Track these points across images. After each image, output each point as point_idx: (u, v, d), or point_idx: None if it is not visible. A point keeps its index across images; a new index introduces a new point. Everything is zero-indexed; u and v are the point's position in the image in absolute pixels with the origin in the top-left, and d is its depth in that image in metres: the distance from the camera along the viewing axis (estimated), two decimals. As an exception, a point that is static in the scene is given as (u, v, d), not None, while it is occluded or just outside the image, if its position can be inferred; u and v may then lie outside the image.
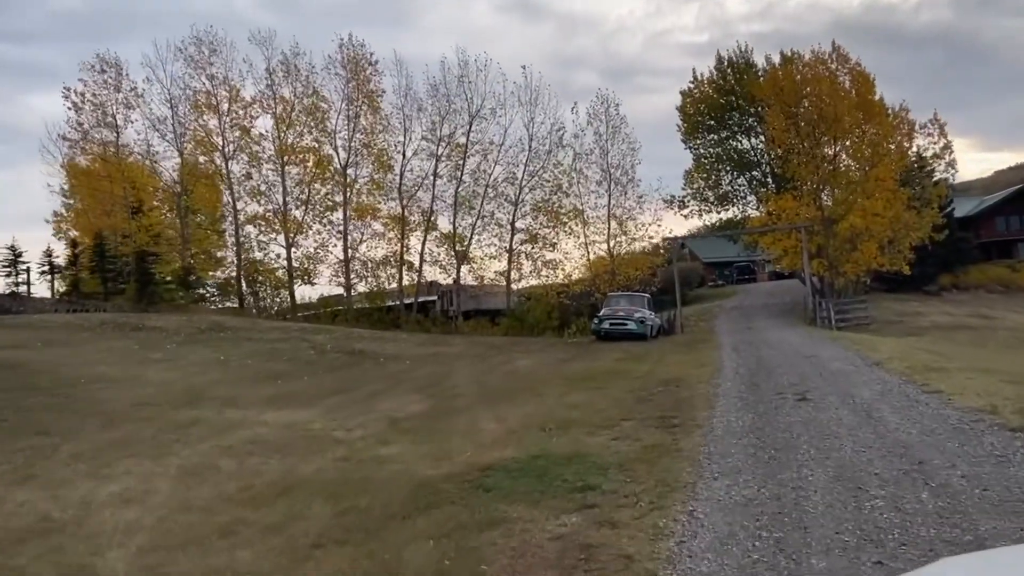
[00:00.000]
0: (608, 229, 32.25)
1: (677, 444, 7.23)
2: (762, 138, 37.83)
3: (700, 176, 37.45)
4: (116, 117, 30.79)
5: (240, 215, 31.35)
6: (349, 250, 31.62)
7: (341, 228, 31.45)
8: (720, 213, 38.15)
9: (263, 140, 31.47)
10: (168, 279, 30.42)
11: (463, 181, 31.49)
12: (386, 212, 32.07)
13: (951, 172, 36.24)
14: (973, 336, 25.30)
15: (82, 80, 30.16)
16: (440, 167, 31.81)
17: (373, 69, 31.28)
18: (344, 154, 31.49)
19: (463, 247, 31.76)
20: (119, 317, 24.34)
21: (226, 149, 31.35)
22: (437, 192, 31.99)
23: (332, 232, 31.64)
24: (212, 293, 31.52)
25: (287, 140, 31.28)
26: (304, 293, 33.59)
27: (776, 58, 36.47)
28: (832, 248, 31.87)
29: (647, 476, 6.12)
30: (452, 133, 31.63)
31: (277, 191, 31.43)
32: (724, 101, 37.42)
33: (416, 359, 19.61)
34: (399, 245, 31.79)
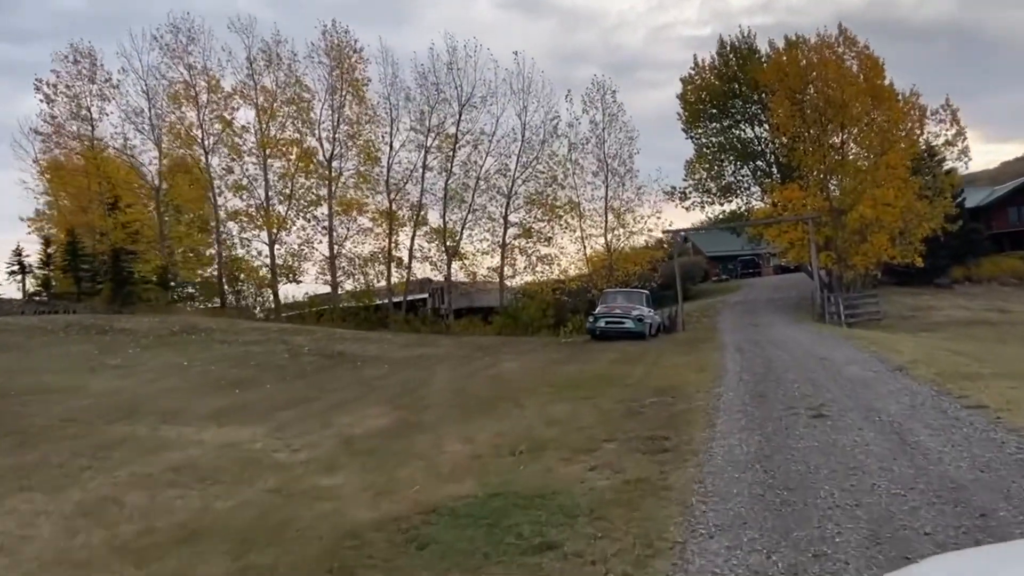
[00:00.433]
0: (605, 222, 30.88)
1: (666, 479, 5.86)
2: (766, 126, 36.37)
3: (702, 166, 35.97)
4: (91, 110, 29.49)
5: (221, 211, 30.01)
6: (335, 246, 30.26)
7: (326, 224, 30.08)
8: (723, 205, 36.71)
9: (245, 132, 30.11)
10: (148, 279, 29.12)
11: (453, 173, 30.12)
12: (373, 206, 30.73)
13: (964, 160, 34.63)
14: (993, 332, 23.85)
15: (55, 71, 28.87)
16: (429, 159, 30.48)
17: (358, 57, 29.94)
18: (328, 146, 30.14)
19: (454, 242, 30.40)
20: (88, 319, 23.05)
21: (206, 142, 30.02)
22: (426, 185, 30.65)
23: (317, 228, 30.32)
24: (192, 293, 30.17)
25: (269, 132, 29.92)
26: (292, 292, 32.35)
27: (780, 43, 34.89)
28: (841, 240, 30.42)
29: (624, 529, 4.75)
30: (442, 123, 30.27)
31: (259, 185, 30.10)
32: (726, 88, 35.93)
33: (396, 362, 18.27)
34: (387, 241, 30.42)
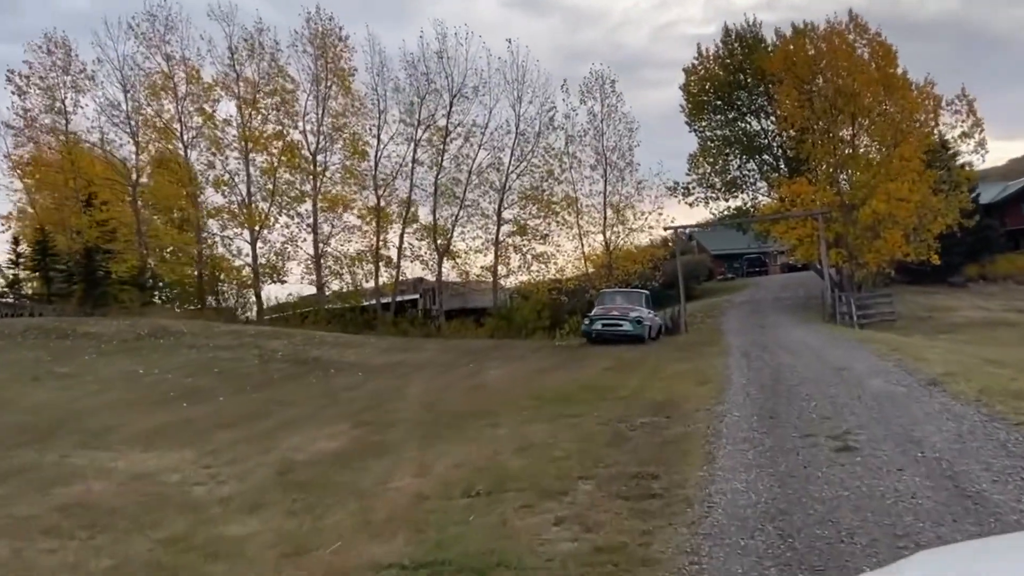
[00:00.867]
0: (604, 218, 29.37)
1: (649, 545, 4.43)
2: (773, 119, 34.82)
3: (706, 160, 34.42)
4: (65, 102, 28.19)
5: (201, 208, 28.66)
6: (320, 245, 28.87)
7: (311, 221, 28.70)
8: (728, 201, 35.12)
9: (226, 126, 28.73)
10: (124, 279, 27.84)
11: (443, 167, 28.68)
12: (360, 203, 29.34)
13: (981, 153, 32.98)
14: (1016, 334, 22.30)
15: (27, 63, 27.58)
16: (419, 153, 29.05)
17: (344, 46, 28.53)
18: (313, 139, 28.75)
19: (445, 240, 28.97)
20: (51, 322, 21.73)
21: (185, 136, 28.69)
22: (416, 180, 29.19)
23: (302, 226, 28.92)
24: (168, 294, 28.85)
25: (251, 125, 28.54)
26: (280, 294, 31.03)
27: (787, 31, 33.30)
28: (852, 236, 28.88)
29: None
30: (432, 115, 28.82)
31: (241, 181, 28.74)
32: (731, 79, 34.37)
33: (373, 370, 16.88)
34: (375, 239, 29.01)
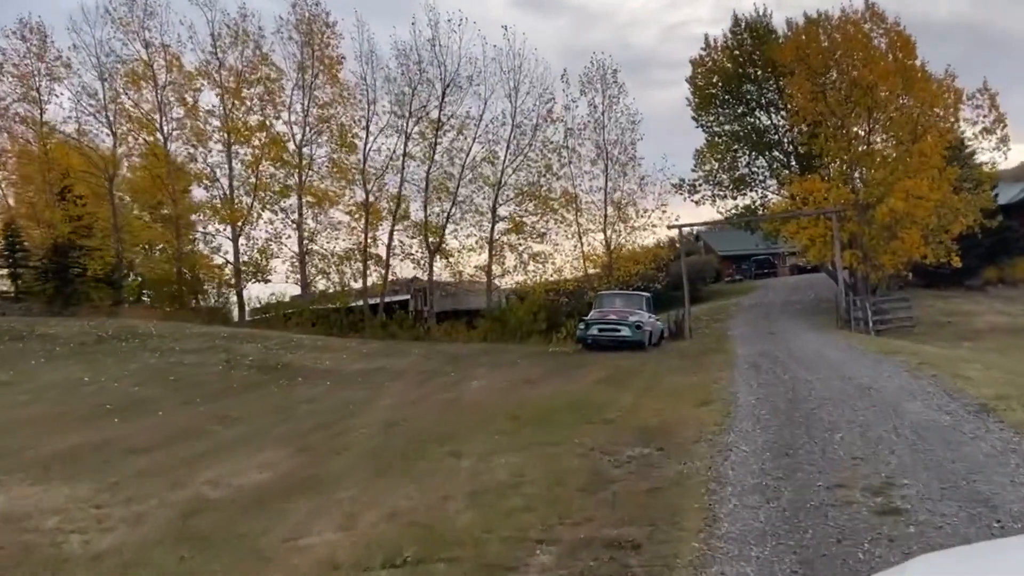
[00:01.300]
0: (604, 215, 27.77)
1: None
2: (783, 114, 33.21)
3: (713, 156, 32.81)
4: (40, 90, 26.82)
5: (181, 202, 27.24)
6: (305, 242, 27.42)
7: (296, 217, 27.25)
8: (736, 199, 33.47)
9: (210, 117, 27.31)
10: (99, 277, 26.47)
11: (435, 161, 27.15)
12: (348, 198, 27.86)
13: (1003, 149, 31.20)
14: (1047, 343, 20.67)
15: (0, 49, 26.21)
16: (410, 146, 27.52)
17: (331, 32, 27.05)
18: (299, 130, 27.29)
19: (436, 238, 27.45)
20: (11, 322, 20.31)
21: (165, 127, 27.29)
22: (407, 175, 27.67)
23: (286, 222, 27.46)
24: (147, 294, 27.43)
25: (235, 115, 27.10)
26: (265, 293, 29.60)
27: (799, 21, 31.61)
28: (867, 236, 27.26)
29: None
30: (424, 106, 27.29)
31: (223, 174, 27.32)
32: (740, 71, 32.76)
33: (344, 379, 15.38)
34: (363, 236, 27.53)
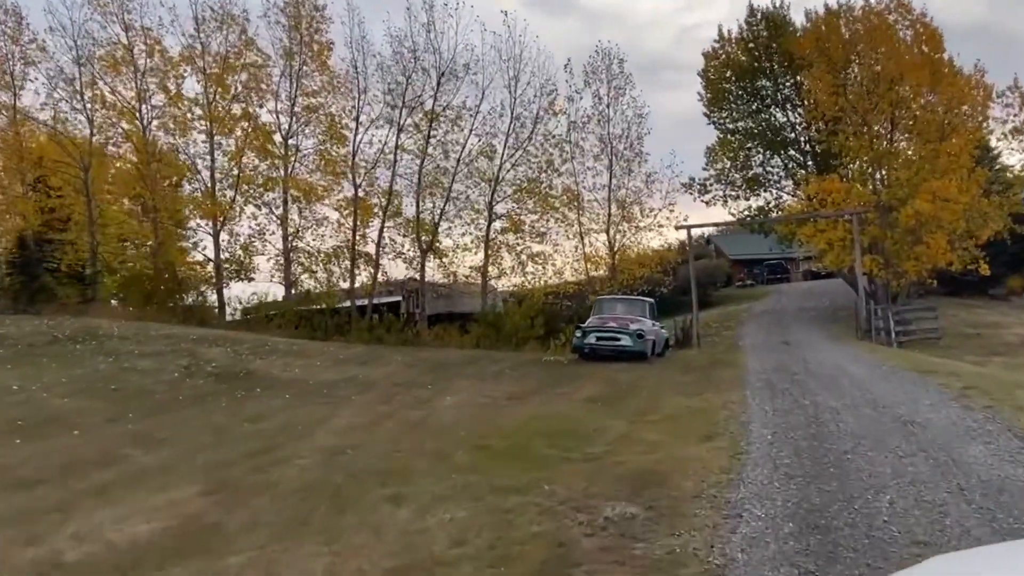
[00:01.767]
0: (608, 214, 26.02)
1: None
2: (800, 111, 31.47)
3: (725, 154, 31.07)
4: (13, 75, 25.36)
5: (159, 194, 25.72)
6: (290, 239, 25.85)
7: (281, 212, 25.68)
8: (749, 200, 31.71)
9: (191, 104, 25.77)
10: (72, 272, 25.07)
11: (429, 154, 25.51)
12: (337, 193, 26.28)
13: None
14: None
15: (-27, 32, 24.78)
16: (404, 139, 25.88)
17: (320, 15, 25.46)
18: (285, 120, 25.74)
19: (429, 236, 25.83)
20: (-39, 320, 18.84)
21: (145, 116, 25.78)
22: (400, 170, 26.05)
23: (271, 217, 25.89)
24: (120, 291, 25.92)
25: (218, 104, 25.58)
26: (254, 292, 28.09)
27: (818, 11, 29.81)
28: (890, 241, 25.46)
29: None
30: (418, 96, 25.68)
31: (205, 166, 25.81)
32: (755, 65, 31.03)
33: (308, 390, 13.76)
34: (352, 233, 25.93)
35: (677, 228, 25.58)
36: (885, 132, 27.29)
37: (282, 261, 26.08)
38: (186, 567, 5.17)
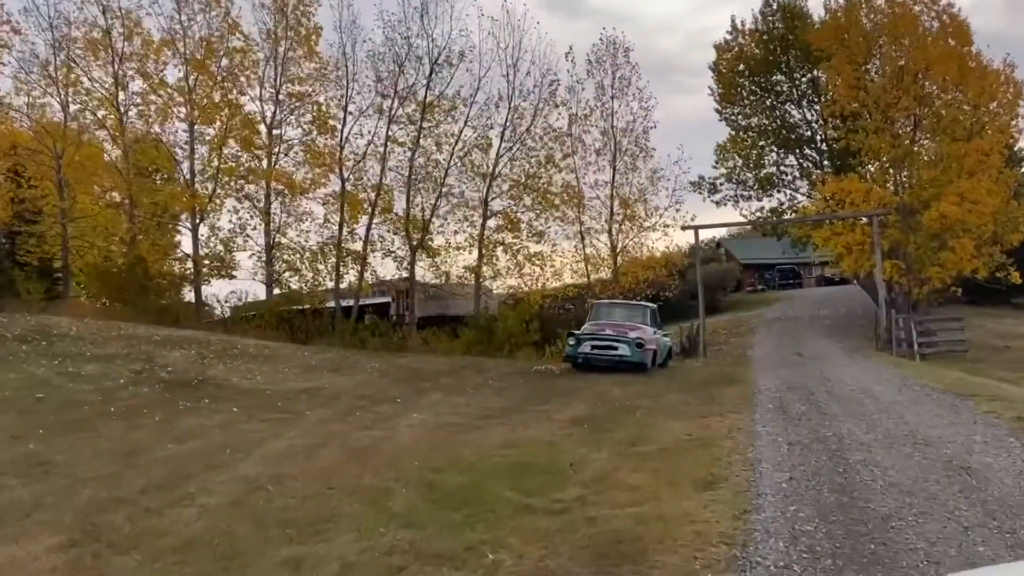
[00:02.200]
0: (610, 212, 24.38)
1: None
2: (816, 108, 29.77)
3: (737, 152, 29.38)
4: (-15, 60, 24.05)
5: (136, 186, 24.33)
6: (274, 234, 24.39)
7: (263, 206, 24.23)
8: (761, 200, 29.98)
9: (171, 91, 24.36)
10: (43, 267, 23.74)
11: (420, 146, 23.98)
12: (324, 186, 24.81)
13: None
14: None
15: (-55, 15, 23.47)
16: (395, 129, 24.38)
17: (308, -1, 24.01)
18: (270, 109, 24.30)
19: (420, 232, 24.29)
20: (-93, 317, 17.44)
21: (123, 103, 24.43)
22: (392, 163, 24.55)
23: (253, 211, 24.44)
24: (90, 287, 24.48)
25: (199, 90, 24.17)
26: (227, 291, 26.74)
27: (838, 1, 28.02)
28: (913, 245, 23.72)
29: None
30: (411, 86, 24.17)
31: (184, 156, 24.43)
32: (770, 58, 29.34)
33: (261, 402, 12.21)
34: (339, 229, 24.45)
35: (684, 228, 23.91)
36: (908, 129, 25.58)
37: (264, 258, 24.62)
38: None
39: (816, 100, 29.55)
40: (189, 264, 25.01)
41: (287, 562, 5.14)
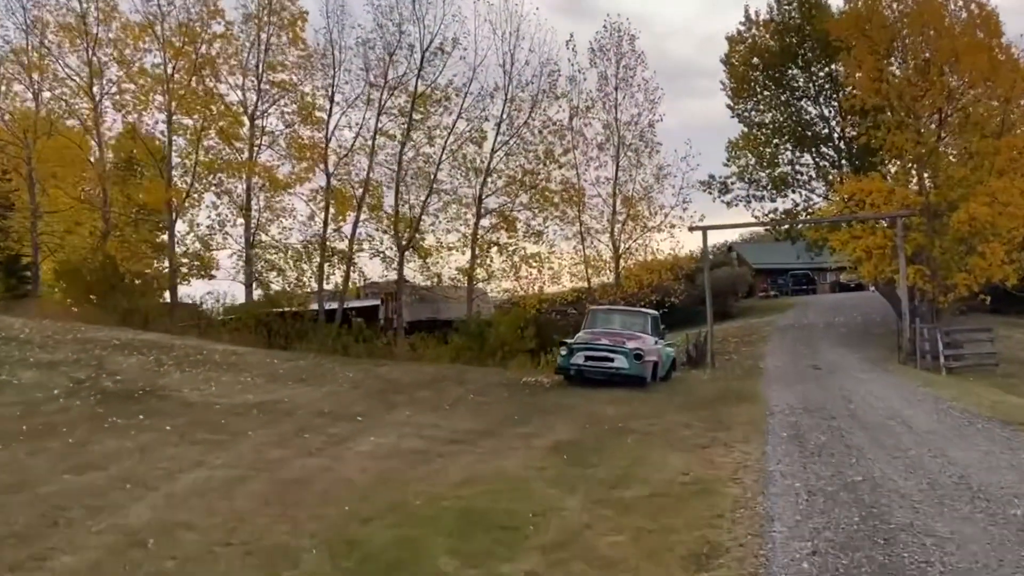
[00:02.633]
0: (612, 211, 22.78)
1: None
2: (834, 104, 28.11)
3: (749, 150, 27.76)
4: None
5: (109, 180, 23.03)
6: (254, 231, 22.99)
7: (243, 201, 22.85)
8: (775, 201, 28.32)
9: (150, 79, 22.99)
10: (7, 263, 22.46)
11: (410, 139, 22.50)
12: (308, 181, 23.38)
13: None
14: None
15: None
16: (384, 121, 22.92)
17: (293, -19, 22.62)
18: (251, 99, 22.89)
19: (410, 231, 22.81)
20: None
21: (97, 91, 23.11)
22: (381, 158, 23.10)
23: (232, 208, 23.05)
24: (60, 285, 23.16)
25: (177, 79, 22.81)
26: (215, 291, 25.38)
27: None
28: (938, 250, 22.01)
29: None
30: (402, 76, 22.71)
31: (162, 147, 23.07)
32: (786, 51, 27.70)
33: (205, 419, 10.74)
34: (323, 226, 23.02)
35: (691, 229, 22.28)
36: (934, 125, 23.91)
37: (244, 257, 23.21)
38: None
39: (834, 95, 27.91)
40: (166, 263, 23.67)
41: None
